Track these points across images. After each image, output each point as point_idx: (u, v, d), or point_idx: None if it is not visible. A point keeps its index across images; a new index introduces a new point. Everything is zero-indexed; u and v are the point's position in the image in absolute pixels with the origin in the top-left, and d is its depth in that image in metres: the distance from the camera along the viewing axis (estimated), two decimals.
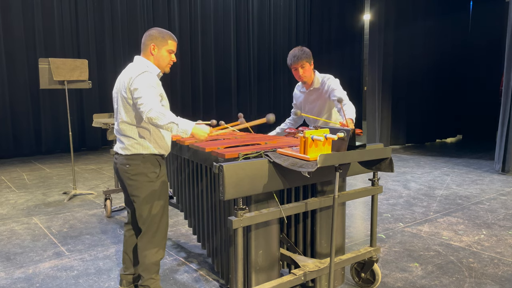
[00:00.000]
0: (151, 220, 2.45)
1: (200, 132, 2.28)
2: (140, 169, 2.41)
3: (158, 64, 2.47)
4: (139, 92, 2.25)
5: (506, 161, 6.22)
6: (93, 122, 4.50)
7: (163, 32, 2.47)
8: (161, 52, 2.45)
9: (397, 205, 4.69)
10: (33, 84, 7.83)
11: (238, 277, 2.11)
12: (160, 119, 2.19)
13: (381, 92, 8.64)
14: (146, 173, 2.41)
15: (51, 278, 2.97)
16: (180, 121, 2.23)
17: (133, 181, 2.42)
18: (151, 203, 2.44)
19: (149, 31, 2.48)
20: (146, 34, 2.47)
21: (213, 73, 10.33)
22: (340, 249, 2.68)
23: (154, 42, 2.43)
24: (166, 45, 2.45)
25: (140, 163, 2.40)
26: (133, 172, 2.42)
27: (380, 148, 2.23)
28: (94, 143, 8.80)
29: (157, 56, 2.45)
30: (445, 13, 9.47)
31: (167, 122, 2.20)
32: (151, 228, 2.46)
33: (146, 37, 2.46)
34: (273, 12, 11.28)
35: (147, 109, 2.21)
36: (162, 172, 2.48)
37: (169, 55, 2.49)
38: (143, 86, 2.26)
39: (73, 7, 8.27)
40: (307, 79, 3.20)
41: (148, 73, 2.33)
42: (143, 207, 2.44)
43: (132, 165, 2.41)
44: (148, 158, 2.42)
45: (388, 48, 8.58)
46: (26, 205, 4.77)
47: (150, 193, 2.43)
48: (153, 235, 2.47)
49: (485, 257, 3.27)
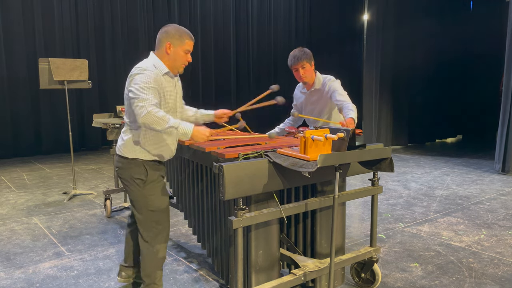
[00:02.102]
0: (149, 223, 2.39)
1: (199, 135, 2.24)
2: (127, 173, 2.35)
3: (173, 64, 2.34)
4: (135, 93, 2.16)
5: (506, 161, 6.22)
6: (93, 122, 4.49)
7: (180, 30, 2.33)
8: (177, 51, 2.32)
9: (397, 205, 4.69)
10: (33, 84, 7.82)
11: (238, 277, 2.11)
12: (158, 123, 2.12)
13: (378, 92, 8.64)
14: (133, 178, 2.34)
15: (51, 278, 2.97)
16: (179, 124, 2.16)
17: (124, 184, 2.40)
18: (144, 206, 2.37)
19: (166, 28, 2.33)
20: (163, 31, 2.33)
21: (213, 73, 10.33)
22: (340, 249, 2.68)
23: (170, 40, 2.30)
24: (183, 45, 2.32)
25: (126, 167, 2.34)
26: (122, 175, 2.38)
27: (380, 148, 2.23)
28: (94, 143, 8.80)
29: (173, 55, 2.32)
30: (445, 13, 9.46)
31: (166, 127, 2.13)
32: (150, 231, 2.40)
33: (162, 34, 2.32)
34: (273, 12, 11.27)
35: (142, 113, 2.12)
36: (150, 178, 2.36)
37: (185, 55, 2.35)
38: (140, 86, 2.17)
39: (73, 7, 8.26)
40: (308, 80, 3.20)
41: (149, 72, 2.22)
42: (137, 209, 2.39)
43: (120, 168, 2.37)
44: (134, 163, 2.34)
45: (387, 48, 8.58)
46: (26, 205, 4.77)
47: (141, 198, 2.36)
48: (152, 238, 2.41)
49: (485, 257, 3.26)
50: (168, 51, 2.32)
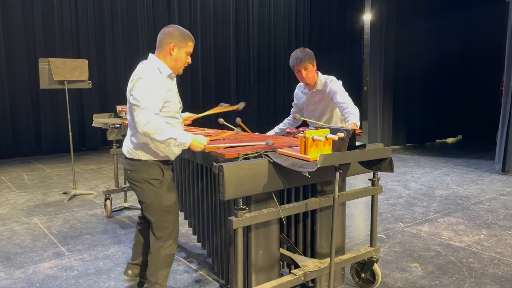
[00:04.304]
0: (162, 224, 2.39)
1: (197, 144, 2.24)
2: (142, 176, 2.33)
3: (175, 65, 2.34)
4: (137, 100, 2.16)
5: (507, 161, 6.22)
6: (93, 122, 4.49)
7: (183, 31, 2.33)
8: (180, 53, 2.32)
9: (397, 205, 4.69)
10: (33, 84, 7.82)
11: (238, 277, 2.11)
12: (158, 134, 2.13)
13: (382, 92, 8.64)
14: (148, 180, 2.34)
15: (51, 278, 2.97)
16: (178, 135, 2.17)
17: (137, 187, 2.37)
18: (158, 208, 2.37)
19: (168, 29, 2.32)
20: (165, 32, 2.31)
21: (213, 73, 10.33)
22: (340, 249, 2.68)
23: (174, 42, 2.29)
24: (185, 47, 2.33)
25: (141, 169, 2.33)
26: (135, 178, 2.36)
27: (380, 148, 2.23)
28: (94, 143, 8.80)
29: (175, 57, 2.32)
30: (446, 13, 9.47)
31: (166, 138, 2.14)
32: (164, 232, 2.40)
33: (164, 35, 2.31)
34: (273, 12, 11.27)
35: (143, 122, 2.12)
36: (166, 178, 2.38)
37: (186, 57, 2.36)
38: (142, 92, 2.16)
39: (73, 7, 8.26)
40: (310, 81, 3.18)
41: (152, 78, 2.21)
42: (151, 212, 2.38)
43: (134, 171, 2.35)
44: (149, 165, 2.33)
45: (389, 48, 8.58)
46: (26, 205, 4.77)
47: (156, 198, 2.36)
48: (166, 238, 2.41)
49: (485, 257, 3.26)
50: (171, 52, 2.31)
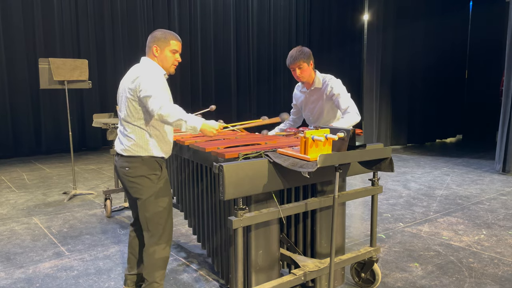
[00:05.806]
0: (157, 221, 2.43)
1: (209, 129, 2.27)
2: (140, 172, 2.38)
3: (163, 65, 2.46)
4: (148, 91, 2.24)
5: (507, 161, 6.22)
6: (93, 122, 4.50)
7: (165, 32, 2.45)
8: (164, 53, 2.43)
9: (397, 205, 4.69)
10: (33, 84, 7.82)
11: (238, 277, 2.11)
12: (171, 116, 2.19)
13: (379, 92, 8.64)
14: (147, 175, 2.39)
15: (51, 278, 2.97)
16: (189, 118, 2.21)
17: (134, 184, 2.40)
18: (154, 204, 2.41)
19: (153, 33, 2.46)
20: (150, 36, 2.46)
21: (213, 73, 10.32)
22: (340, 249, 2.68)
23: (157, 43, 2.42)
24: (168, 46, 2.43)
25: (139, 165, 2.38)
26: (133, 175, 2.39)
27: (380, 148, 2.23)
28: (94, 143, 8.80)
29: (160, 57, 2.44)
30: (445, 13, 9.47)
31: (177, 119, 2.19)
32: (157, 228, 2.43)
33: (149, 39, 2.46)
34: (273, 12, 11.27)
35: (158, 106, 2.19)
36: (163, 174, 2.45)
37: (172, 55, 2.46)
38: (151, 84, 2.25)
39: (73, 7, 8.26)
40: (305, 80, 3.18)
41: (155, 73, 2.34)
42: (147, 208, 2.41)
43: (132, 168, 2.39)
44: (148, 161, 2.39)
45: (387, 48, 8.58)
46: (26, 205, 4.77)
47: (153, 194, 2.41)
48: (159, 236, 2.44)
49: (485, 257, 3.26)
50: (155, 53, 2.43)
